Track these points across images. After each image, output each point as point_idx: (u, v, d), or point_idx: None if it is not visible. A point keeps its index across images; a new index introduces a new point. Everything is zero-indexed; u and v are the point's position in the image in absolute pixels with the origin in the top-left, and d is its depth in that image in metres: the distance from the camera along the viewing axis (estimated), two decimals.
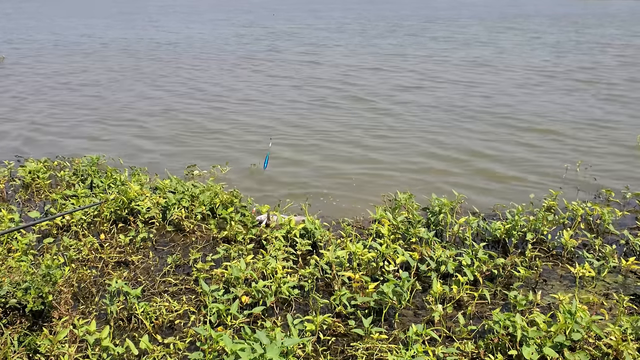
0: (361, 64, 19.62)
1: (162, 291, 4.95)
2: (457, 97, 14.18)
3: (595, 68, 18.64)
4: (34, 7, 55.11)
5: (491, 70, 18.40)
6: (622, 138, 10.45)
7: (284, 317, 4.53)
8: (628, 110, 12.79)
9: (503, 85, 15.68)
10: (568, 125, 11.31)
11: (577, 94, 14.60)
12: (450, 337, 4.31)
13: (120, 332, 4.37)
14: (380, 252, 5.20)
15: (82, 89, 15.45)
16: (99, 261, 5.41)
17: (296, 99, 14.12)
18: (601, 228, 6.38)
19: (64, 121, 11.92)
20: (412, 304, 4.80)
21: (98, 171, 7.58)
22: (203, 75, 17.56)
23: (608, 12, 49.63)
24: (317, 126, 11.41)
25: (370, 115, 12.30)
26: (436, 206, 6.25)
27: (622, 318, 4.24)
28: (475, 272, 5.01)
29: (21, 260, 4.78)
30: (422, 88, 15.46)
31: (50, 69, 18.70)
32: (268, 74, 17.75)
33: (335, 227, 6.33)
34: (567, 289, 5.09)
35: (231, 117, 12.27)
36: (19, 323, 4.29)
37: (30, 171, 7.47)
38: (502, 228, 5.91)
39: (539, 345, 3.91)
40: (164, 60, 20.70)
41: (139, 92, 15.08)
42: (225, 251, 5.37)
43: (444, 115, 12.32)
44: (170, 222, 6.32)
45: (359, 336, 4.28)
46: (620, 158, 9.37)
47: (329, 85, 15.89)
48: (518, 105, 13.17)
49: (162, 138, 10.59)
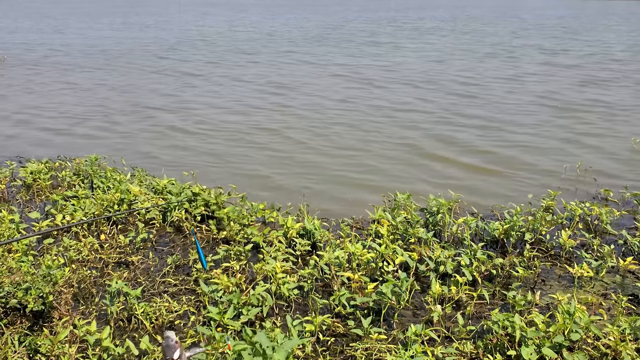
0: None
1: (162, 291, 4.96)
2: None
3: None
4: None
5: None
6: (621, 138, 10.47)
7: (284, 318, 4.55)
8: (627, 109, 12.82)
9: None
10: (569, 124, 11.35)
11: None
12: (449, 338, 4.33)
13: (121, 332, 4.39)
14: (379, 252, 5.21)
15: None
16: (99, 262, 5.43)
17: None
18: (599, 228, 6.39)
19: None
20: (411, 304, 4.82)
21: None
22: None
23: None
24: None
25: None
26: (434, 206, 6.27)
27: (621, 318, 4.25)
28: (474, 272, 5.02)
29: (22, 261, 4.80)
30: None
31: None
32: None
33: (334, 227, 6.35)
34: (566, 289, 5.11)
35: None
36: (20, 323, 4.31)
37: (31, 172, 7.48)
38: (500, 228, 5.92)
39: (537, 345, 3.92)
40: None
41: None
42: (225, 252, 5.39)
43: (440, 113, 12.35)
44: (171, 222, 6.35)
45: (358, 336, 4.30)
46: (620, 158, 9.39)
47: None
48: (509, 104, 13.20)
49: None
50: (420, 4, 63.12)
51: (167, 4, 63.64)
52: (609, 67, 18.93)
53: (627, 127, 11.28)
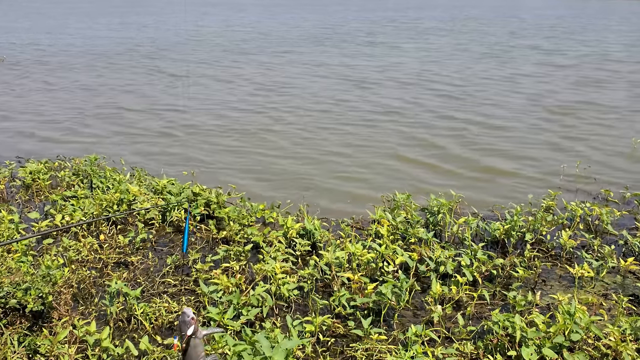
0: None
1: (162, 292, 4.95)
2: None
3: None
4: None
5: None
6: (620, 138, 10.47)
7: (284, 318, 4.54)
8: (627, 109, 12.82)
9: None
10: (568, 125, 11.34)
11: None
12: (449, 338, 4.32)
13: (120, 332, 4.38)
14: (379, 252, 5.20)
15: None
16: (99, 262, 5.42)
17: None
18: (600, 228, 6.38)
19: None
20: (411, 304, 4.81)
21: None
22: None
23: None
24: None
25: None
26: (435, 206, 6.26)
27: (621, 318, 4.25)
28: (475, 273, 5.01)
29: (21, 261, 4.78)
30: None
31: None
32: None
33: (334, 227, 6.34)
34: (566, 289, 5.10)
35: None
36: (19, 323, 4.30)
37: (31, 172, 7.47)
38: (501, 228, 5.91)
39: (538, 345, 3.92)
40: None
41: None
42: (224, 252, 5.38)
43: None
44: (170, 223, 6.34)
45: (358, 337, 4.29)
46: (620, 158, 9.39)
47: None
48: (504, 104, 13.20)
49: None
50: (418, 4, 63.07)
51: (166, 4, 63.59)
52: (608, 68, 18.92)
53: (627, 127, 11.28)
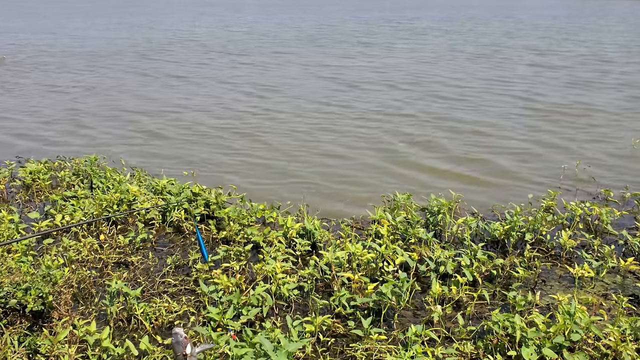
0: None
1: (162, 292, 4.95)
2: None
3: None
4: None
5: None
6: (620, 139, 10.48)
7: (284, 318, 4.54)
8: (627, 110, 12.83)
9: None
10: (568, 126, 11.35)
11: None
12: (449, 338, 4.33)
13: (120, 332, 4.38)
14: (379, 252, 5.20)
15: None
16: (99, 262, 5.42)
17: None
18: (600, 228, 6.39)
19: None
20: (411, 304, 4.81)
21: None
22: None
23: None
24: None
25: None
26: (435, 206, 6.26)
27: (621, 318, 4.25)
28: (475, 273, 5.02)
29: (21, 261, 4.78)
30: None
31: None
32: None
33: (334, 227, 6.34)
34: (566, 289, 5.10)
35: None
36: (19, 323, 4.30)
37: (31, 172, 7.46)
38: (501, 228, 5.92)
39: (538, 346, 3.92)
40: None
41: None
42: (224, 252, 5.38)
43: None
44: (170, 223, 6.34)
45: (358, 337, 4.29)
46: (619, 158, 9.40)
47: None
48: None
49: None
50: (416, 4, 63.06)
51: (164, 4, 63.56)
52: (607, 68, 18.95)
53: (627, 127, 11.29)
